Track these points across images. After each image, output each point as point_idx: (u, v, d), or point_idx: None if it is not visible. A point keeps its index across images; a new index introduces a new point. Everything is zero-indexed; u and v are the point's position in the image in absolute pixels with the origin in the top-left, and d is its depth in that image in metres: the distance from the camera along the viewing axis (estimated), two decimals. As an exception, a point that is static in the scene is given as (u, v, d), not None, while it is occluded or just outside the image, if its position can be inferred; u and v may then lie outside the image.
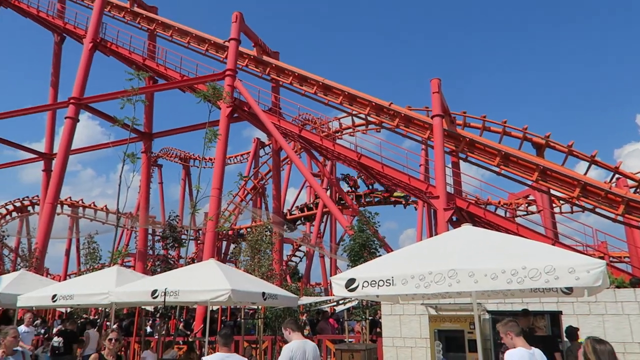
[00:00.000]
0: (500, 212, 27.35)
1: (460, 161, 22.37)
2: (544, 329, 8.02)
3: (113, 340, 6.60)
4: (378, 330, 15.86)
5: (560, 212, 26.43)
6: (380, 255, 12.97)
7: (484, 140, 20.33)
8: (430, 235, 31.12)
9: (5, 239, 37.66)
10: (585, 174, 18.93)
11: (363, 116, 23.77)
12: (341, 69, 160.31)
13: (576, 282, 4.66)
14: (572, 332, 7.80)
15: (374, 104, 22.18)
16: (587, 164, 19.04)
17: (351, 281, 5.63)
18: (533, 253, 5.22)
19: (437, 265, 5.14)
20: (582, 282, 4.63)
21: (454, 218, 18.87)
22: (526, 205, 32.23)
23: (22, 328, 11.66)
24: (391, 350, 9.93)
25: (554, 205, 24.43)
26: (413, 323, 9.76)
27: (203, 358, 5.81)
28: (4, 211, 44.51)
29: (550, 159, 19.78)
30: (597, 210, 17.51)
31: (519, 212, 31.63)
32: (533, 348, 5.04)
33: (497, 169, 19.54)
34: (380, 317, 13.24)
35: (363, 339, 13.45)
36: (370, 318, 14.26)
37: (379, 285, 5.47)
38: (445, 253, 5.52)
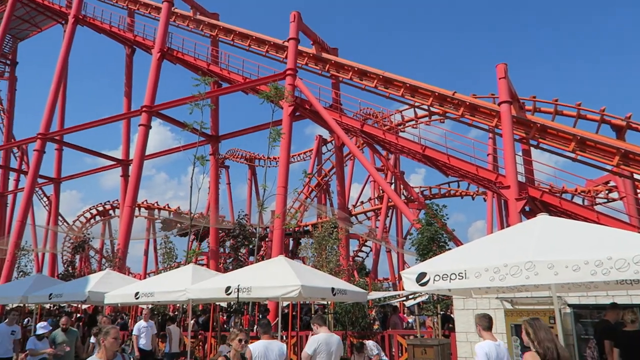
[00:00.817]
0: (578, 200, 25.84)
1: (532, 148, 21.35)
2: (635, 323, 7.49)
3: (243, 342, 5.79)
4: (450, 325, 15.53)
5: (646, 198, 24.53)
6: (449, 249, 12.67)
7: (556, 125, 19.28)
8: (502, 227, 29.98)
9: (91, 241, 40.52)
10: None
11: (426, 107, 23.28)
12: (400, 60, 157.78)
13: (670, 273, 4.32)
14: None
15: (436, 94, 21.66)
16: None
17: (422, 275, 5.54)
18: (619, 242, 4.89)
19: (512, 257, 4.95)
20: (677, 272, 4.28)
21: (527, 208, 18.02)
22: (606, 192, 30.19)
23: (142, 323, 12.63)
24: (465, 346, 9.68)
25: (638, 191, 22.72)
26: (487, 318, 9.44)
27: (249, 345, 6.18)
28: (88, 215, 47.87)
29: (632, 142, 18.40)
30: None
31: (598, 200, 29.72)
32: (499, 340, 5.92)
33: (572, 155, 18.46)
34: (452, 312, 12.95)
35: (435, 334, 13.21)
36: (442, 313, 13.98)
37: (450, 279, 5.35)
38: (521, 244, 5.29)
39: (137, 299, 11.22)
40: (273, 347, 6.26)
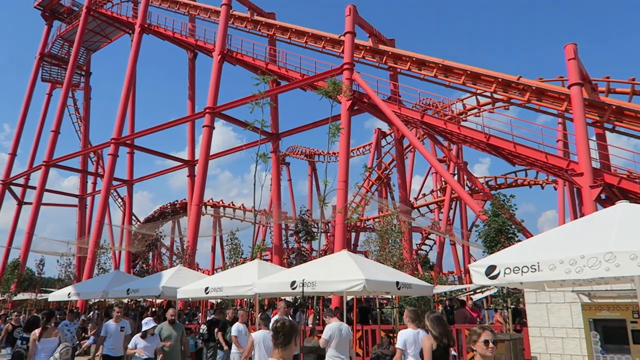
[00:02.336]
0: (661, 186, 23.95)
1: (606, 132, 20.04)
2: None
3: (490, 344, 4.19)
4: (523, 320, 14.94)
5: None
6: (518, 241, 12.17)
7: (634, 106, 17.98)
8: (575, 217, 28.42)
9: (162, 239, 42.57)
10: None
11: (488, 94, 22.42)
12: (460, 47, 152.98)
13: None
14: None
15: (500, 79, 20.80)
16: None
17: (491, 268, 5.34)
18: None
19: (590, 248, 4.66)
20: None
21: (603, 196, 16.95)
22: (693, 176, 27.83)
23: (110, 324, 11.00)
24: (539, 341, 9.27)
25: None
26: (563, 312, 8.99)
27: (252, 334, 7.99)
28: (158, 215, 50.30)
29: None
30: None
31: (684, 185, 27.43)
32: (419, 329, 6.96)
33: (653, 138, 17.17)
34: (523, 306, 12.43)
35: (506, 328, 12.77)
36: (512, 307, 13.47)
37: (522, 271, 5.11)
38: (599, 234, 4.97)
39: (207, 293, 11.65)
40: (270, 337, 7.13)
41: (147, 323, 8.84)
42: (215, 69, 28.40)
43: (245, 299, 17.27)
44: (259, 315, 9.46)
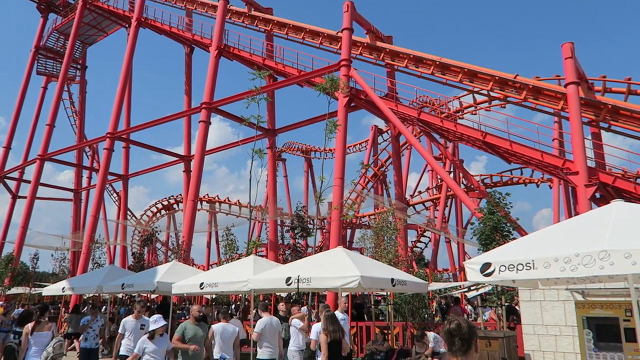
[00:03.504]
0: (655, 185, 24.07)
1: (602, 132, 20.11)
2: None
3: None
4: (515, 317, 15.02)
5: None
6: (513, 239, 12.20)
7: (630, 106, 18.04)
8: (569, 216, 28.54)
9: (158, 234, 42.51)
10: None
11: (485, 92, 22.46)
12: (457, 45, 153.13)
13: None
14: None
15: (497, 78, 20.82)
16: None
17: (486, 265, 5.36)
18: None
19: (585, 246, 4.68)
20: None
21: (598, 195, 17.01)
22: (688, 176, 27.98)
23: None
24: (532, 339, 9.32)
25: None
26: (556, 310, 9.04)
27: (212, 326, 8.56)
28: (154, 209, 50.21)
29: None
30: None
31: (678, 185, 27.59)
32: (271, 316, 8.98)
33: (648, 137, 17.25)
34: (517, 304, 12.49)
35: (500, 326, 12.83)
36: (506, 304, 13.53)
37: (517, 269, 5.14)
38: (593, 233, 4.99)
39: (202, 289, 11.63)
40: (228, 328, 8.60)
41: (157, 321, 7.57)
42: (212, 64, 28.29)
43: (240, 295, 17.28)
44: (259, 304, 9.73)
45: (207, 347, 8.42)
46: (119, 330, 9.41)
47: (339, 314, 10.00)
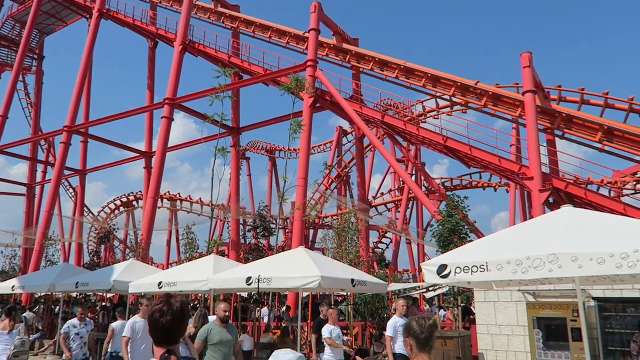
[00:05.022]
0: (604, 191, 25.22)
1: (557, 139, 20.92)
2: None
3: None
4: (472, 317, 15.42)
5: (676, 190, 23.86)
6: (471, 241, 12.54)
7: (583, 115, 18.84)
8: (525, 219, 29.54)
9: (116, 232, 41.39)
10: None
11: (448, 98, 22.98)
12: (423, 50, 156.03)
13: (700, 266, 4.20)
14: None
15: (459, 84, 21.34)
16: None
17: (443, 267, 5.50)
18: (646, 235, 4.77)
19: (535, 250, 4.87)
20: None
21: (551, 200, 17.70)
22: (634, 183, 29.41)
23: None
24: (486, 338, 9.60)
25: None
26: (509, 310, 9.35)
27: (111, 324, 8.77)
28: (113, 206, 48.84)
29: (662, 132, 17.88)
30: None
31: (625, 191, 28.97)
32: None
33: (599, 145, 18.05)
34: (473, 305, 12.83)
35: (455, 326, 13.14)
36: (462, 305, 13.88)
37: (472, 271, 5.30)
38: (544, 237, 5.20)
39: (160, 288, 11.42)
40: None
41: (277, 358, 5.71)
42: (176, 60, 27.78)
43: (200, 294, 17.06)
44: (118, 309, 9.93)
45: (237, 353, 6.82)
46: (124, 333, 7.79)
47: (398, 319, 9.32)
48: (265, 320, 16.42)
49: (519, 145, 27.21)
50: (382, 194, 44.07)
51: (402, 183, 39.36)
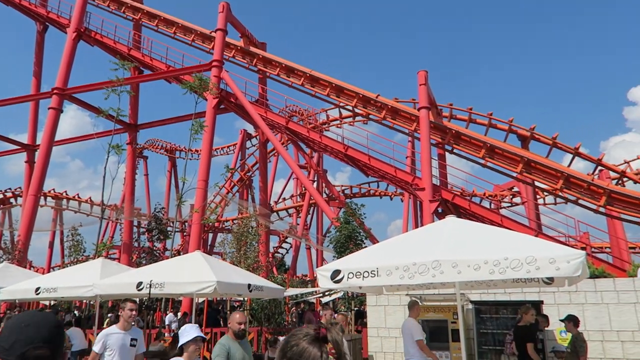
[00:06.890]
0: (486, 203, 27.63)
1: (447, 153, 22.51)
2: (542, 320, 8.10)
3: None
4: (364, 320, 16.00)
5: (544, 204, 26.79)
6: (366, 247, 13.04)
7: (470, 133, 20.48)
8: (417, 227, 31.34)
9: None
10: (569, 166, 19.19)
11: (350, 108, 23.77)
12: (329, 61, 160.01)
13: (557, 272, 4.74)
14: (575, 320, 7.32)
15: (361, 95, 22.18)
16: (572, 156, 19.31)
17: (336, 272, 5.66)
18: (515, 244, 5.29)
19: (421, 257, 5.19)
20: (563, 272, 4.71)
21: (440, 210, 19.02)
22: (511, 196, 32.59)
23: None
24: (376, 341, 10.03)
25: (538, 196, 24.66)
26: (398, 314, 9.85)
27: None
28: (-14, 203, 43.81)
29: (535, 151, 20.03)
30: (580, 201, 17.78)
31: (503, 204, 31.97)
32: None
33: (482, 161, 19.71)
34: (365, 308, 13.32)
35: (348, 329, 13.54)
36: (356, 309, 14.35)
37: (364, 276, 5.51)
38: (429, 244, 5.57)
39: (37, 294, 10.46)
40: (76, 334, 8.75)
41: (189, 332, 4.66)
42: (68, 47, 25.75)
43: (85, 301, 15.90)
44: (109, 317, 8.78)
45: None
46: (94, 348, 6.14)
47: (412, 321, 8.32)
48: (174, 327, 15.72)
49: (413, 158, 28.78)
50: (284, 199, 44.31)
51: (303, 189, 39.89)
